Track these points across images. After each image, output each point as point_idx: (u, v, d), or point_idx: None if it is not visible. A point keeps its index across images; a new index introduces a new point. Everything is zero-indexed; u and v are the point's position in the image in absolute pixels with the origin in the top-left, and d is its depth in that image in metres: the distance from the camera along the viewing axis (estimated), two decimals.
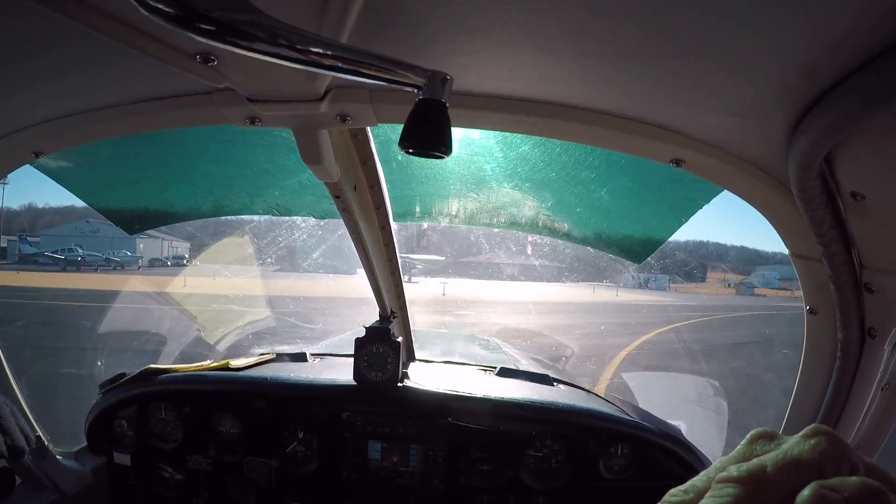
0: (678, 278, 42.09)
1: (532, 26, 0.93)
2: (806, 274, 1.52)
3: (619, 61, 1.03)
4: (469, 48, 1.05)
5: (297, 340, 10.84)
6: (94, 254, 34.85)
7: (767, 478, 0.42)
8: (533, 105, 1.28)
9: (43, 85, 1.28)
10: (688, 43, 0.91)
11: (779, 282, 55.69)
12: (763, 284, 53.95)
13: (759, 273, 58.26)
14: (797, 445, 0.43)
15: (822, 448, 0.42)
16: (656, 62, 1.00)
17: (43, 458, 2.12)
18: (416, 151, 0.85)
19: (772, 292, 51.58)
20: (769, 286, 53.59)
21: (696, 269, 44.51)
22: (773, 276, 56.89)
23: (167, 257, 42.17)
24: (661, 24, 0.88)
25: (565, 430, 2.40)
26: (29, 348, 9.81)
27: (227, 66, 1.09)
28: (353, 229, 2.04)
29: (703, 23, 0.85)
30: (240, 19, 0.69)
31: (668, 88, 1.12)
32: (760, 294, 49.98)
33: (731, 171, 1.35)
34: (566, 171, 1.95)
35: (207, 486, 2.53)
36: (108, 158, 2.06)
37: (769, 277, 55.95)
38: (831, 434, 0.44)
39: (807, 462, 0.42)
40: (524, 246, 12.35)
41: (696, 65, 0.98)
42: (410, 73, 0.81)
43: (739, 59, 0.93)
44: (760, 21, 0.81)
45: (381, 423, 2.42)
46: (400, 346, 2.43)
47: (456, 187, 2.25)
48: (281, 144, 1.92)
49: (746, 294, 48.54)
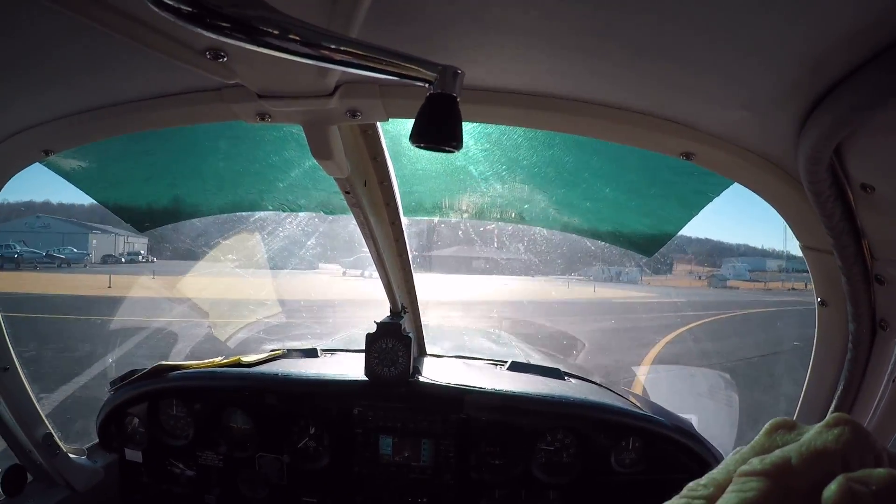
0: (647, 271, 41.80)
1: (542, 21, 0.93)
2: (817, 266, 1.51)
3: (629, 55, 1.02)
4: (479, 42, 1.04)
5: (308, 336, 10.75)
6: (34, 251, 33.48)
7: (792, 470, 0.40)
8: (543, 100, 1.27)
9: (52, 82, 1.28)
10: (698, 36, 0.91)
11: (749, 273, 55.35)
12: (735, 276, 53.96)
13: (729, 265, 58.22)
14: (820, 435, 0.42)
15: (846, 438, 0.41)
16: (666, 56, 1.00)
17: (54, 455, 2.13)
18: (427, 146, 0.85)
19: (746, 284, 51.43)
20: (741, 278, 53.61)
21: (664, 262, 44.34)
22: (744, 267, 56.76)
23: (122, 254, 41.31)
24: (671, 18, 0.87)
25: (577, 424, 2.40)
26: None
27: (237, 62, 1.09)
28: (363, 225, 2.04)
29: (713, 16, 0.84)
30: (250, 15, 0.69)
31: (678, 82, 1.11)
32: (733, 286, 49.90)
33: (741, 163, 1.35)
34: (577, 165, 1.94)
35: (219, 482, 2.54)
36: (117, 156, 2.06)
37: (740, 269, 55.80)
38: (854, 423, 0.42)
39: (831, 452, 0.40)
40: (496, 238, 11.70)
41: (705, 58, 0.98)
42: (421, 67, 0.80)
43: (749, 52, 0.92)
44: (770, 13, 0.81)
45: (393, 418, 2.42)
46: (411, 341, 2.44)
47: (466, 182, 2.24)
48: (291, 140, 1.92)
49: (719, 287, 48.19)
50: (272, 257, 10.80)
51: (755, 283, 52.62)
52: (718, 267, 57.02)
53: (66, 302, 17.51)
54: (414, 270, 2.58)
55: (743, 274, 54.86)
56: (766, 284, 51.81)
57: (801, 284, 52.34)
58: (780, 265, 57.16)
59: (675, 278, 51.39)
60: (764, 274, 55.83)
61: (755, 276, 55.19)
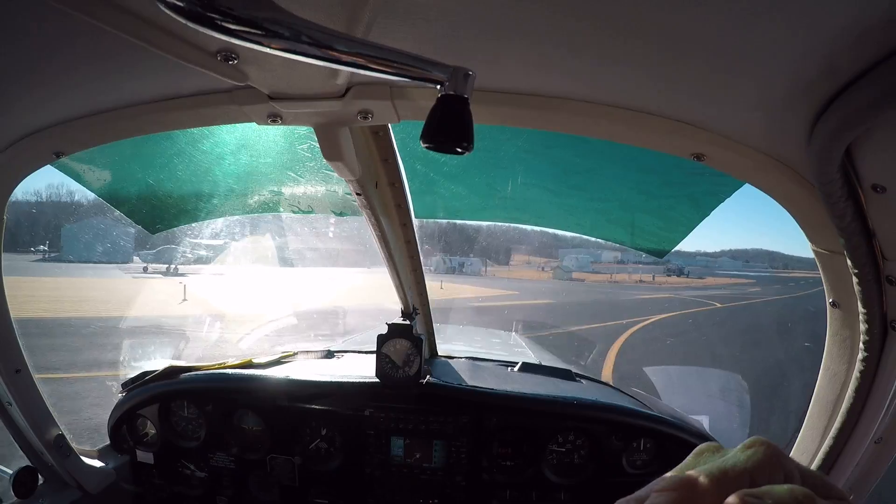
0: (489, 261, 41.17)
1: (553, 22, 0.93)
2: (828, 267, 1.50)
3: (640, 57, 1.02)
4: (490, 44, 1.04)
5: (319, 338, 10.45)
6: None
7: (699, 486, 0.45)
8: (554, 101, 1.27)
9: (64, 84, 1.29)
10: (708, 38, 0.91)
11: (591, 265, 55.31)
12: (578, 268, 54.37)
13: (570, 256, 58.68)
14: (733, 456, 0.48)
15: (757, 458, 0.47)
16: (677, 58, 0.99)
17: (66, 457, 2.14)
18: (438, 147, 0.84)
19: (592, 276, 51.77)
20: (584, 269, 54.22)
21: (503, 253, 44.00)
22: (586, 258, 56.85)
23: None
24: (681, 21, 0.87)
25: (588, 425, 2.39)
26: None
27: (248, 64, 1.09)
28: (374, 226, 2.04)
29: (723, 17, 0.84)
30: (261, 17, 0.69)
31: (688, 84, 1.11)
32: (579, 278, 50.25)
33: (752, 164, 1.34)
34: (588, 166, 1.95)
35: (230, 483, 2.55)
36: (127, 157, 2.07)
37: (583, 261, 56.27)
38: (768, 444, 0.48)
39: (739, 472, 0.46)
40: (292, 227, 10.20)
41: (716, 59, 0.97)
42: (432, 69, 0.80)
43: (760, 54, 0.92)
44: (781, 15, 0.80)
45: (404, 419, 2.42)
46: (422, 342, 2.44)
47: (478, 183, 2.24)
48: (302, 142, 1.92)
49: (565, 279, 48.37)
50: None
51: (599, 274, 53.27)
52: (555, 258, 57.32)
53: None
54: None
55: (586, 265, 55.50)
56: (612, 276, 52.35)
57: (649, 276, 53.05)
58: (615, 257, 57.38)
59: (517, 269, 51.55)
60: (604, 265, 56.60)
61: (597, 267, 55.68)
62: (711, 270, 78.58)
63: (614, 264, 57.27)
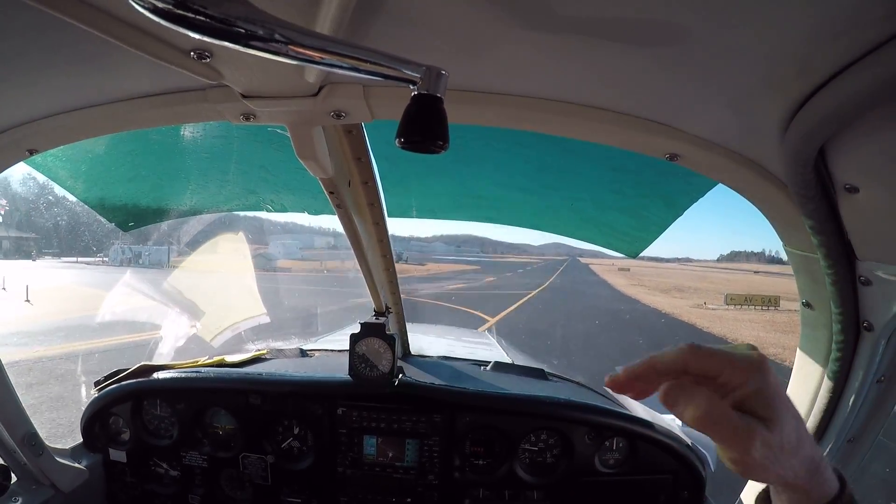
0: (174, 250, 39.47)
1: (527, 23, 0.93)
2: (801, 267, 1.52)
3: (614, 57, 1.03)
4: (464, 44, 1.04)
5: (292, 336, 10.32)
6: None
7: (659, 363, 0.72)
8: (528, 101, 1.28)
9: (36, 82, 1.27)
10: (681, 38, 0.91)
11: (301, 251, 55.07)
12: (286, 256, 53.35)
13: (278, 243, 56.98)
14: (741, 346, 0.73)
15: (750, 354, 0.71)
16: (651, 58, 1.00)
17: (38, 455, 2.11)
18: (413, 147, 0.85)
19: (299, 263, 50.58)
20: (291, 257, 53.35)
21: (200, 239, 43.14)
22: (295, 245, 56.02)
23: None
24: (655, 21, 0.88)
25: (560, 424, 2.40)
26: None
27: (222, 63, 1.09)
28: (347, 225, 2.04)
29: (696, 17, 0.85)
30: (234, 15, 0.69)
31: (663, 84, 1.12)
32: (285, 267, 48.70)
33: (726, 165, 1.35)
34: (562, 165, 1.96)
35: (203, 481, 2.53)
36: (101, 155, 2.06)
37: (291, 247, 55.64)
38: (764, 358, 0.71)
39: (674, 358, 0.72)
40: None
41: (689, 59, 0.98)
42: (406, 68, 0.81)
43: (734, 54, 0.93)
44: (754, 15, 0.82)
45: (376, 418, 2.42)
46: (395, 341, 2.43)
47: (452, 182, 2.25)
48: (275, 140, 1.92)
49: (268, 269, 44.47)
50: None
51: (309, 262, 51.73)
52: (266, 245, 55.17)
53: None
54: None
55: (294, 252, 54.54)
56: (323, 263, 50.43)
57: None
58: (328, 242, 56.26)
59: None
60: (315, 252, 55.60)
61: (307, 254, 55.06)
62: (428, 255, 77.51)
63: (326, 250, 56.25)
